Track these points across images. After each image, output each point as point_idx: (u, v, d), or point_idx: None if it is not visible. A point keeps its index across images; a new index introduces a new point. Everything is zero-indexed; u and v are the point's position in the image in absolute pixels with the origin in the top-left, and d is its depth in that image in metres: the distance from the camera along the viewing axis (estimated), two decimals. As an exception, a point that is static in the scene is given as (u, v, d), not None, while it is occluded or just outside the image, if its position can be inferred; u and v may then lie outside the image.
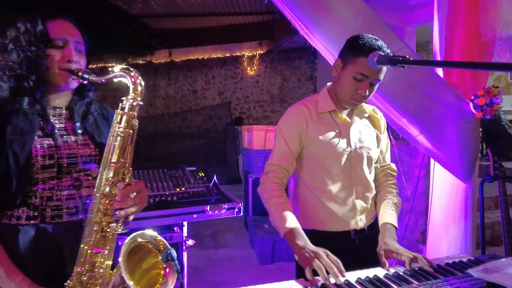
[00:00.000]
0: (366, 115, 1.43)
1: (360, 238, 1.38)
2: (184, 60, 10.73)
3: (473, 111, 2.24)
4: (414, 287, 0.99)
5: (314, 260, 1.04)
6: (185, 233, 1.80)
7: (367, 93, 1.27)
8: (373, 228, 1.41)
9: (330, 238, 1.35)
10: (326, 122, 1.36)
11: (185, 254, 1.81)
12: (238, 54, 10.03)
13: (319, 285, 1.02)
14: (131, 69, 1.02)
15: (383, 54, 1.04)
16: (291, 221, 1.20)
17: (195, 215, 1.71)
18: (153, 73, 11.20)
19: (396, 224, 1.35)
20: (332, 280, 1.01)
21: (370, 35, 1.23)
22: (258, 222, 3.82)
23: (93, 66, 12.34)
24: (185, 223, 1.80)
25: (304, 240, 1.15)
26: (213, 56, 10.32)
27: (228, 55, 10.17)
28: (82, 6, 9.77)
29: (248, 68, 9.99)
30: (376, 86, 1.29)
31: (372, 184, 1.41)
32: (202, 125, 10.73)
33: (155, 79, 11.20)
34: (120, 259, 0.84)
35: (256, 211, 4.12)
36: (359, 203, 1.36)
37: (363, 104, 1.42)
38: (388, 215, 1.36)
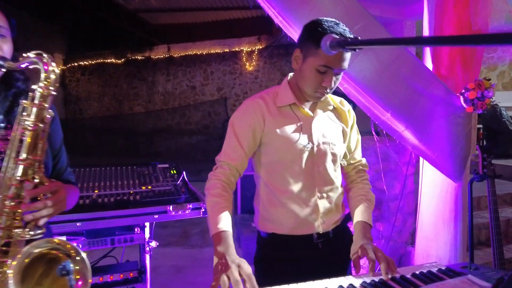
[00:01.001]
0: (331, 107, 1.30)
1: (324, 242, 1.24)
2: (182, 56, 10.62)
3: (464, 105, 2.09)
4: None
5: (222, 275, 0.92)
6: (147, 235, 1.69)
7: (333, 85, 1.14)
8: (339, 232, 1.28)
9: (290, 242, 1.23)
10: (286, 116, 1.23)
11: (147, 257, 1.71)
12: (237, 49, 9.89)
13: None
14: (45, 55, 0.90)
15: (336, 37, 0.92)
16: (223, 223, 1.07)
17: (156, 216, 1.60)
18: (152, 69, 11.10)
19: (370, 222, 1.23)
20: None
21: (330, 19, 1.10)
22: (246, 220, 3.70)
23: (92, 62, 12.31)
24: (147, 224, 1.69)
25: (226, 247, 1.01)
26: (212, 52, 10.19)
27: (227, 50, 10.04)
28: (79, 1, 9.70)
29: (247, 64, 9.85)
30: (342, 75, 1.16)
31: (338, 183, 1.29)
32: (201, 121, 10.63)
33: (154, 74, 11.11)
34: (9, 271, 0.73)
35: (245, 209, 4.00)
36: (322, 204, 1.24)
37: (329, 95, 1.29)
38: (362, 212, 1.24)
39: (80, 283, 0.78)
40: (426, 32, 2.28)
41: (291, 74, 1.28)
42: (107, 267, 1.76)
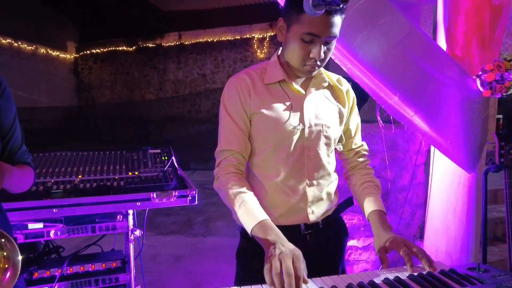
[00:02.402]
0: (326, 84, 1.15)
1: (313, 234, 1.12)
2: (193, 43, 10.51)
3: (480, 88, 1.91)
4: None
5: (275, 259, 0.84)
6: (130, 223, 1.60)
7: (323, 56, 1.00)
8: (330, 223, 1.15)
9: None
10: (274, 94, 1.10)
11: (131, 246, 1.61)
12: (248, 36, 9.71)
13: None
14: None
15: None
16: (259, 213, 0.98)
17: (139, 203, 1.49)
18: (163, 57, 11.03)
19: (384, 209, 1.13)
20: None
21: None
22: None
23: (104, 50, 12.31)
24: (130, 212, 1.59)
25: (276, 235, 0.93)
26: (223, 39, 10.04)
27: (238, 37, 9.86)
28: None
29: (258, 51, 9.67)
30: (333, 45, 1.01)
31: (330, 170, 1.16)
32: (211, 109, 10.55)
33: (165, 62, 11.04)
34: None
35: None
36: (311, 192, 1.11)
37: (325, 72, 1.16)
38: (374, 200, 1.13)
39: (8, 273, 0.69)
40: (440, 10, 2.09)
41: (281, 48, 1.15)
42: (89, 256, 1.68)
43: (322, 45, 0.99)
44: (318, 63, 1.03)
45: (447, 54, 1.94)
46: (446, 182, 2.14)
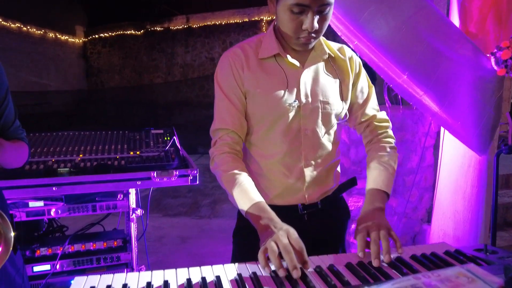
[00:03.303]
0: (326, 57, 1.07)
1: (311, 214, 1.08)
2: (201, 26, 10.39)
3: (495, 67, 1.82)
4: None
5: (269, 241, 0.80)
6: (132, 202, 1.58)
7: (317, 26, 0.94)
8: (330, 203, 1.11)
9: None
10: (269, 69, 1.04)
11: (132, 225, 1.60)
12: (256, 18, 9.56)
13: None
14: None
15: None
16: (254, 195, 0.94)
17: (139, 182, 1.48)
18: (171, 40, 10.95)
19: (385, 188, 1.02)
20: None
21: None
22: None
23: (112, 34, 12.26)
24: (131, 191, 1.58)
25: (269, 216, 0.89)
26: (231, 21, 9.90)
27: (246, 20, 9.71)
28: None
29: (267, 34, 9.51)
30: (330, 12, 0.94)
31: (330, 148, 1.09)
32: (219, 94, 10.48)
33: (173, 46, 10.97)
34: None
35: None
36: (309, 173, 1.06)
37: (325, 42, 1.09)
38: (375, 178, 1.04)
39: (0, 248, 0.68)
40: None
41: None
42: (92, 234, 1.68)
43: (314, 15, 0.91)
44: (313, 34, 0.96)
45: (460, 31, 1.85)
46: (456, 164, 2.08)
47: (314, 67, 1.06)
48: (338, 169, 1.16)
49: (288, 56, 1.03)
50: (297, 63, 1.04)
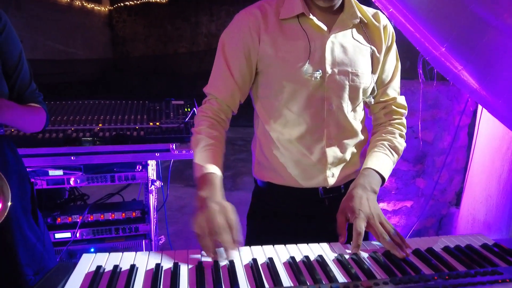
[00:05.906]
0: (357, 21, 0.94)
1: (332, 198, 0.98)
2: (226, -7, 10.11)
3: (547, 39, 1.64)
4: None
5: (204, 239, 0.74)
6: (150, 173, 1.56)
7: None
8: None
9: (290, 195, 1.00)
10: (290, 32, 0.92)
11: (151, 197, 1.59)
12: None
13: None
14: None
15: None
16: (208, 165, 0.86)
17: (158, 154, 1.45)
18: (195, 9, 10.74)
19: (382, 171, 0.93)
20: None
21: None
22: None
23: (137, 2, 12.16)
24: (150, 162, 1.55)
25: (210, 191, 0.81)
26: (257, -11, 9.55)
27: (273, -13, 9.34)
28: None
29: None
30: None
31: (357, 127, 0.99)
32: (243, 65, 10.33)
33: (197, 15, 10.77)
34: None
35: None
36: (331, 153, 0.96)
37: (357, 5, 0.96)
38: (372, 158, 0.95)
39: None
40: None
41: None
42: (111, 204, 1.69)
43: None
44: None
45: (510, -2, 1.66)
46: (492, 146, 1.94)
47: (342, 33, 0.94)
48: (364, 150, 1.06)
49: (314, 18, 0.91)
50: (323, 26, 0.92)
